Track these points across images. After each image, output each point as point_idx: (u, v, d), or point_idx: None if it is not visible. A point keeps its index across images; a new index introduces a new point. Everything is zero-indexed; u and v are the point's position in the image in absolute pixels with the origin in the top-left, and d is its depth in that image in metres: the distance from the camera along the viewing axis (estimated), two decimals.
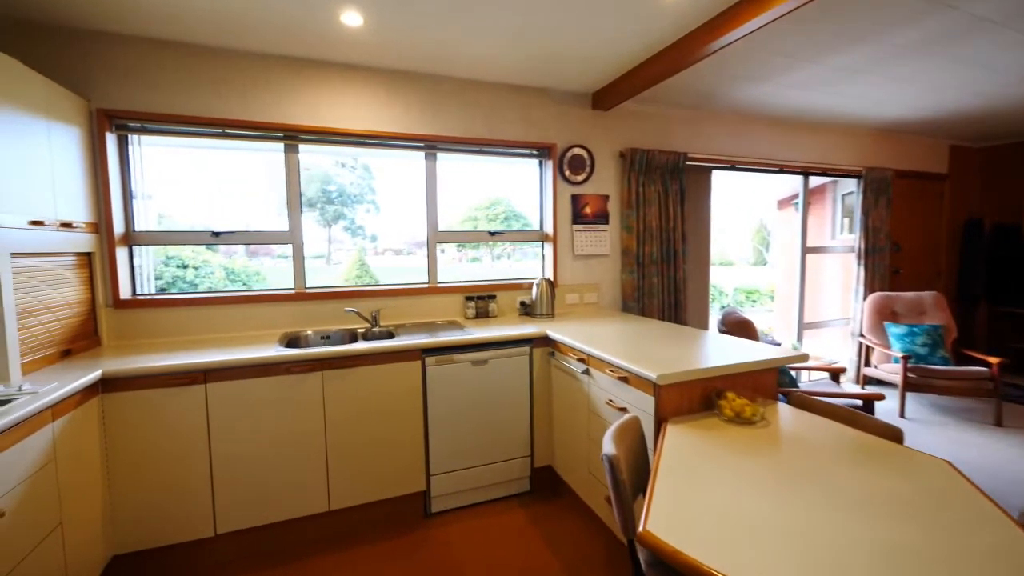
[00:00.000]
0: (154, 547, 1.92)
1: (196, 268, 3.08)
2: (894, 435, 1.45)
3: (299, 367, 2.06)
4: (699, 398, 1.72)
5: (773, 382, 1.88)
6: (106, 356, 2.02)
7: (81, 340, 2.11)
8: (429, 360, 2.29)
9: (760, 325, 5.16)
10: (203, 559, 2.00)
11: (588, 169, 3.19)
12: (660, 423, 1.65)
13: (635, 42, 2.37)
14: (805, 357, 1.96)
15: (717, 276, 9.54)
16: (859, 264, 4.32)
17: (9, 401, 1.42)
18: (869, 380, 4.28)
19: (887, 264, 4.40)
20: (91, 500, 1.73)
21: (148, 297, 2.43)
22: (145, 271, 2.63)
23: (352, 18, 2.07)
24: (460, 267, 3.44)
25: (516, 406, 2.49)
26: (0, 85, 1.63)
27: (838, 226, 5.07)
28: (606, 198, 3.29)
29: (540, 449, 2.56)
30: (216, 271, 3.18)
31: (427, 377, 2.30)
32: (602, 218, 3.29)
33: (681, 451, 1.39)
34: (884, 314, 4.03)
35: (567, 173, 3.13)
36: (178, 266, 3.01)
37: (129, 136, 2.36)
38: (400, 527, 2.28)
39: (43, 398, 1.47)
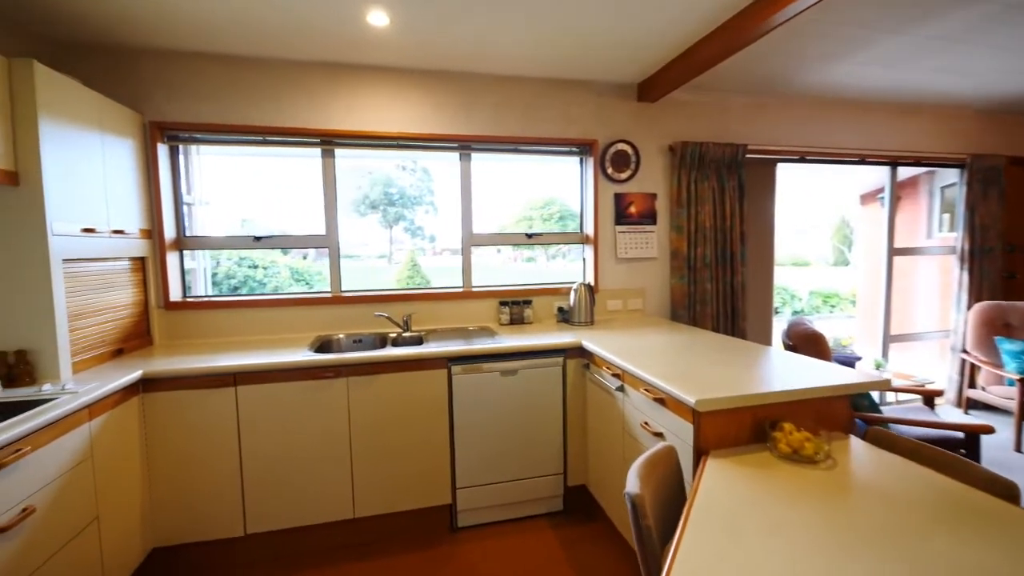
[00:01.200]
0: (190, 542, 1.99)
1: (265, 268, 3.25)
2: (1007, 492, 1.14)
3: (324, 372, 2.05)
4: (749, 428, 1.48)
5: (844, 412, 1.59)
6: (155, 356, 2.13)
7: (134, 340, 2.24)
8: (455, 369, 2.21)
9: (838, 334, 4.61)
10: (234, 557, 2.05)
11: (633, 166, 2.96)
12: (700, 455, 1.43)
13: (686, 21, 2.13)
14: (887, 384, 1.65)
15: (790, 278, 8.74)
16: (962, 267, 3.71)
17: (48, 401, 1.49)
18: (974, 405, 3.66)
19: (999, 268, 3.74)
20: (131, 495, 1.81)
21: (195, 299, 2.54)
22: (201, 273, 2.78)
23: (378, 18, 2.03)
24: (516, 267, 3.42)
25: (548, 420, 2.34)
26: (57, 103, 1.74)
27: (935, 223, 4.42)
28: (653, 196, 3.04)
29: (574, 467, 2.39)
30: (282, 271, 3.34)
31: (453, 386, 2.21)
32: (648, 218, 3.05)
33: (721, 493, 1.18)
34: (994, 327, 3.42)
35: (609, 171, 2.93)
36: (250, 266, 3.18)
37: (181, 146, 2.48)
38: (425, 540, 2.21)
39: (79, 399, 1.54)
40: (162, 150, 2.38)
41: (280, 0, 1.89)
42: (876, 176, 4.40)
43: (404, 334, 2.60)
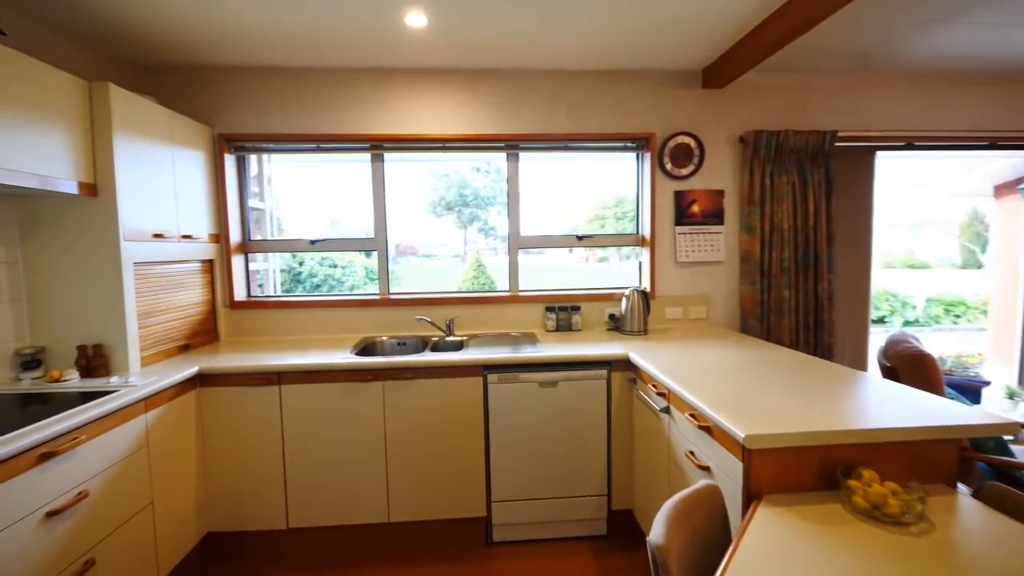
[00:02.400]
0: (240, 530, 2.10)
1: (343, 267, 3.44)
2: None
3: (360, 375, 2.06)
4: (816, 471, 1.22)
5: (949, 460, 1.26)
6: (218, 352, 2.28)
7: (201, 336, 2.42)
8: (491, 377, 2.12)
9: (961, 350, 3.86)
10: (277, 548, 2.13)
11: (696, 160, 2.68)
12: (750, 500, 1.21)
13: None
14: (1016, 427, 1.29)
15: (902, 282, 7.57)
16: None
17: (109, 393, 1.63)
18: None
19: None
20: (186, 482, 1.94)
21: (257, 299, 2.71)
22: (271, 274, 2.98)
23: (416, 19, 2.00)
24: (588, 267, 3.32)
25: (591, 437, 2.17)
26: (130, 121, 1.91)
27: None
28: (720, 193, 2.73)
29: (619, 490, 2.20)
30: (359, 270, 3.53)
31: (489, 395, 2.12)
32: (714, 217, 2.74)
33: (770, 549, 0.97)
34: None
35: (668, 166, 2.67)
36: (331, 265, 3.39)
37: (247, 156, 2.66)
38: (459, 552, 2.15)
39: (137, 392, 1.67)
40: (229, 160, 2.56)
41: (322, 10, 1.93)
42: (1015, 163, 3.63)
43: (447, 338, 2.57)
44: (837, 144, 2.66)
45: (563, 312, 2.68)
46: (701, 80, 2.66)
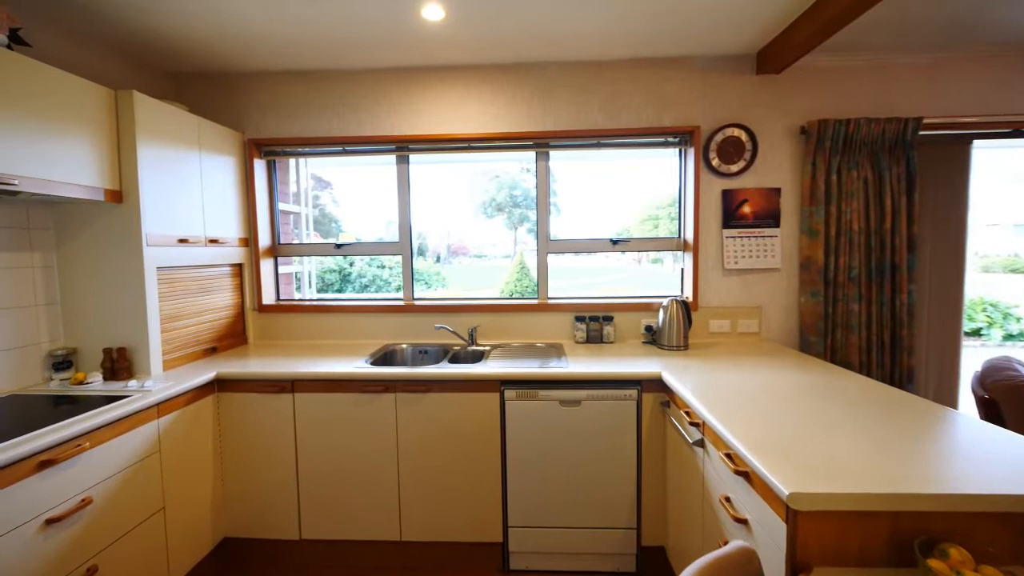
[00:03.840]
0: (257, 537, 2.08)
1: (391, 268, 3.47)
2: None
3: (372, 386, 1.98)
4: (884, 542, 0.97)
5: None
6: (243, 356, 2.30)
7: (229, 339, 2.46)
8: (508, 393, 1.97)
9: None
10: (291, 559, 2.09)
11: (748, 155, 2.38)
12: (795, 572, 0.97)
13: None
14: None
15: (1007, 290, 6.60)
16: None
17: (123, 398, 1.64)
18: None
19: None
20: (202, 486, 1.94)
21: (286, 303, 2.72)
22: (306, 277, 3.01)
23: (433, 11, 1.89)
24: (639, 269, 3.18)
25: (618, 464, 1.96)
26: (155, 128, 1.94)
27: None
28: (775, 192, 2.42)
29: (650, 524, 1.97)
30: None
31: (506, 413, 1.97)
32: (768, 219, 2.43)
33: None
34: None
35: (715, 162, 2.40)
36: (379, 266, 3.42)
37: (278, 160, 2.68)
38: None
39: (148, 398, 1.67)
40: (259, 165, 2.58)
41: (338, 11, 1.87)
42: None
43: (468, 348, 2.44)
44: (922, 133, 2.27)
45: (594, 322, 2.48)
46: (755, 65, 2.36)
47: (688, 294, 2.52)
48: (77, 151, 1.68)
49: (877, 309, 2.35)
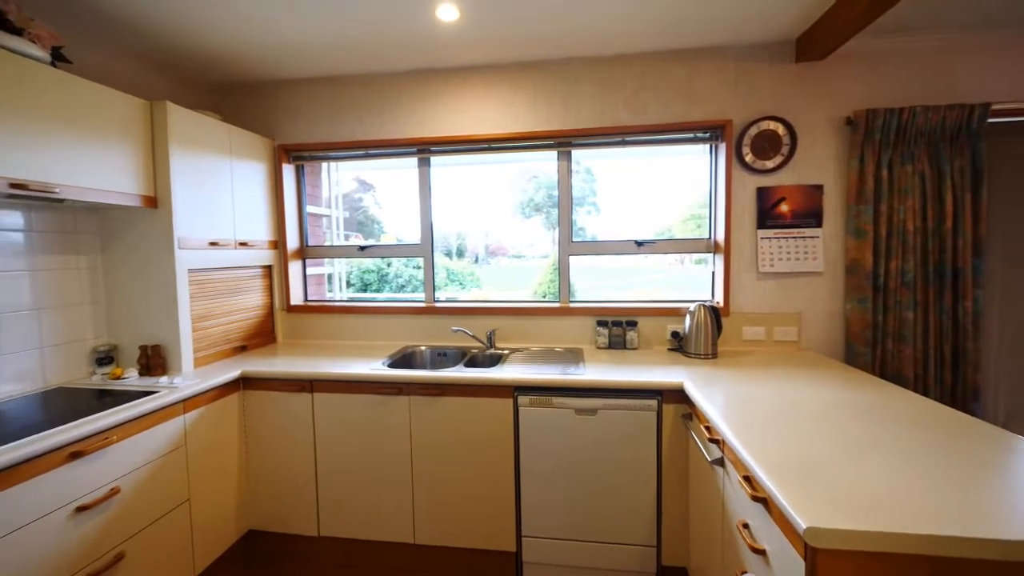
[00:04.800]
0: (279, 531, 2.14)
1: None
2: None
3: (386, 388, 1.99)
4: None
5: None
6: (271, 354, 2.38)
7: (258, 338, 2.55)
8: (522, 399, 1.92)
9: None
10: (309, 554, 2.14)
11: (785, 149, 2.21)
12: None
13: None
14: None
15: None
16: None
17: (151, 394, 1.72)
18: None
19: None
20: (227, 480, 2.02)
21: (313, 303, 2.79)
22: (336, 278, 3.09)
23: (447, 12, 1.87)
24: (683, 270, 3.04)
25: (636, 477, 1.87)
26: (187, 136, 2.04)
27: None
28: (817, 189, 2.23)
29: (672, 543, 1.87)
30: (440, 272, 3.59)
31: (520, 419, 1.93)
32: (809, 218, 2.25)
33: None
34: None
35: (748, 157, 2.24)
36: (415, 267, 3.49)
37: (306, 164, 2.76)
38: None
39: (175, 394, 1.75)
40: (287, 170, 2.67)
41: (354, 13, 1.88)
42: None
43: (486, 351, 2.41)
44: (990, 121, 2.02)
45: (616, 327, 2.38)
46: (794, 52, 2.19)
47: (719, 299, 2.37)
48: (115, 160, 1.79)
49: (936, 318, 2.12)
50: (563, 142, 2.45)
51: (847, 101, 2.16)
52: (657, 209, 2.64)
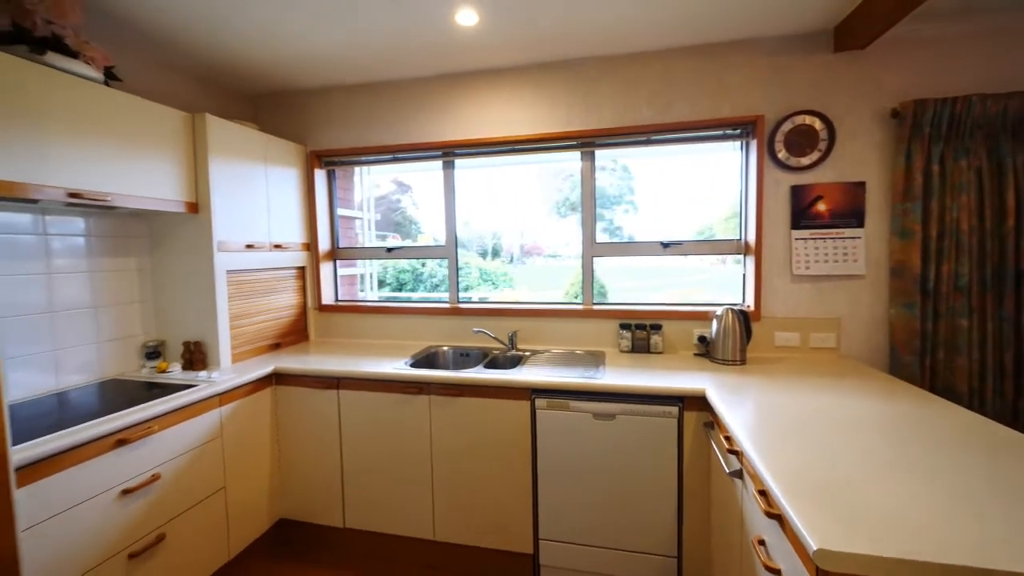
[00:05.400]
0: (308, 521, 2.24)
1: (460, 269, 3.61)
2: None
3: (407, 387, 2.04)
4: None
5: None
6: (306, 352, 2.49)
7: (292, 335, 2.67)
8: (539, 402, 1.91)
9: None
10: (335, 545, 2.23)
11: (823, 145, 2.09)
12: None
13: None
14: None
15: None
16: None
17: (191, 387, 1.85)
18: None
19: None
20: (260, 470, 2.13)
21: (343, 303, 2.90)
22: (368, 278, 3.19)
23: (466, 17, 1.89)
24: (725, 269, 2.99)
25: (656, 485, 1.82)
26: (225, 145, 2.16)
27: None
28: (859, 186, 2.09)
29: (693, 554, 1.81)
30: (473, 272, 3.67)
31: (537, 422, 1.92)
32: (850, 218, 2.11)
33: None
34: None
35: (781, 154, 2.13)
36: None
37: (336, 170, 2.87)
38: None
39: (210, 388, 1.86)
40: (319, 175, 2.78)
41: (376, 23, 1.94)
42: None
43: (507, 353, 2.42)
44: None
45: (640, 331, 2.33)
46: (832, 42, 2.06)
47: (749, 302, 2.27)
48: (161, 168, 1.92)
49: (995, 326, 1.94)
50: (586, 142, 2.42)
51: (892, 92, 2.02)
52: (698, 207, 2.55)
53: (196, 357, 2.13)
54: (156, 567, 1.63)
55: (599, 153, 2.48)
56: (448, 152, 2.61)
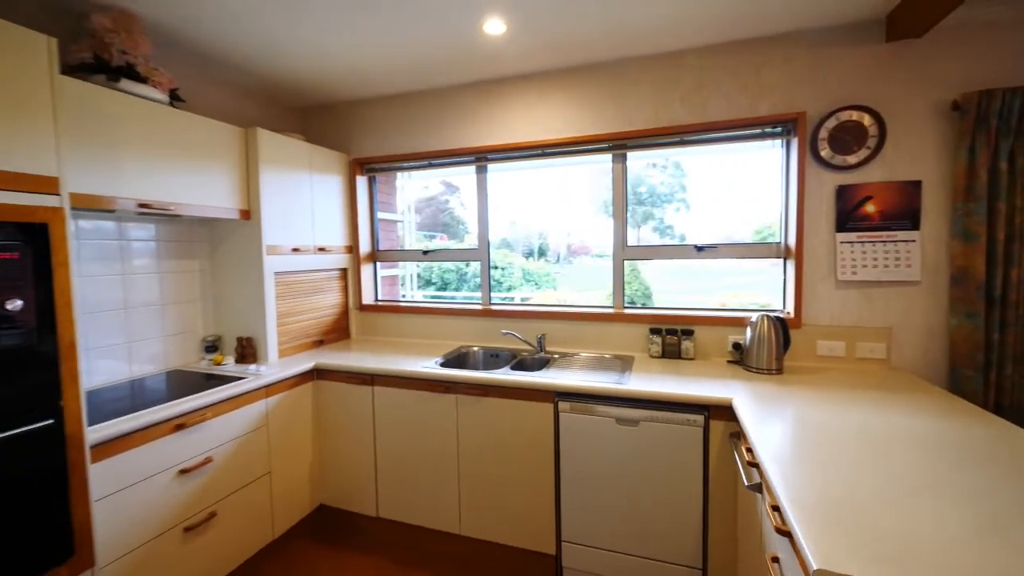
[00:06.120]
0: (345, 509, 2.38)
1: (503, 269, 3.72)
2: None
3: (435, 386, 2.12)
4: None
5: None
6: (347, 349, 2.64)
7: (334, 333, 2.84)
8: (563, 405, 1.93)
9: None
10: (369, 532, 2.35)
11: (872, 142, 1.95)
12: None
13: None
14: None
15: None
16: None
17: (241, 379, 2.02)
18: None
19: None
20: (301, 458, 2.29)
21: (383, 303, 3.04)
22: (408, 279, 3.33)
23: (494, 26, 1.94)
24: (777, 271, 2.89)
25: (680, 494, 1.79)
26: (274, 156, 2.34)
27: None
28: (913, 186, 1.94)
29: (720, 567, 1.76)
30: (515, 272, 3.75)
31: (560, 425, 1.94)
32: (902, 220, 1.96)
33: None
34: None
35: (824, 153, 2.01)
36: (491, 267, 3.70)
37: (377, 176, 3.01)
38: None
39: (259, 381, 2.03)
40: (360, 181, 2.93)
41: (408, 35, 2.02)
42: None
43: (535, 355, 2.45)
44: None
45: (671, 336, 2.28)
46: (884, 31, 1.92)
47: (789, 309, 2.17)
48: (218, 179, 2.11)
49: None
50: (618, 144, 2.40)
51: (952, 83, 1.85)
52: (753, 206, 2.46)
53: (247, 351, 2.32)
54: (208, 541, 1.81)
55: (640, 154, 2.44)
56: (480, 157, 2.67)
